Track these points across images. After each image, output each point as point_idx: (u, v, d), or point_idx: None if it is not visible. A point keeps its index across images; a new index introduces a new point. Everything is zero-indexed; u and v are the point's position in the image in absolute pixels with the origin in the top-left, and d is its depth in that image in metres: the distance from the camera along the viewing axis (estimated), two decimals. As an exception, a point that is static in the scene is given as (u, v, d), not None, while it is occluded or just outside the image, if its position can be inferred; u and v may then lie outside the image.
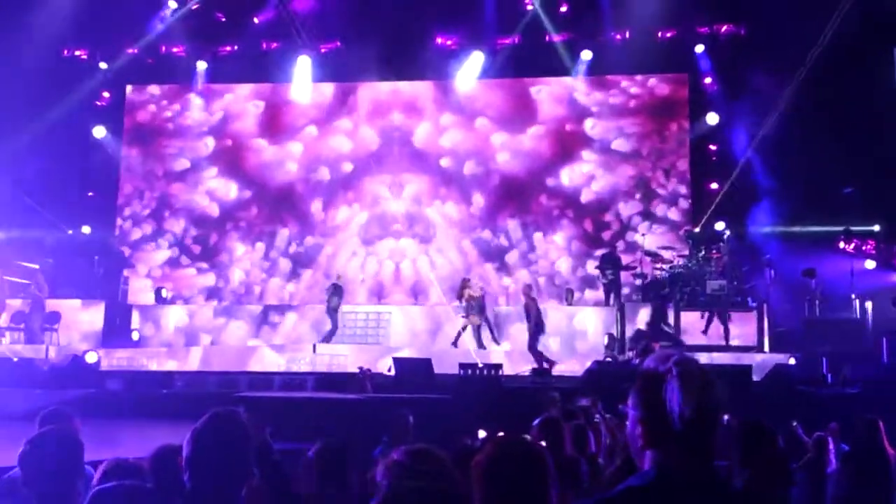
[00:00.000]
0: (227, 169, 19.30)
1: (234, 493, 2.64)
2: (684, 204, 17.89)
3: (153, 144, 19.59)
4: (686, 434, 1.83)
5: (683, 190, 17.95)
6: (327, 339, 15.19)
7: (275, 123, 19.35)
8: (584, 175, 18.25)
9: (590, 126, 18.41)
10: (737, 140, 17.04)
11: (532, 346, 13.44)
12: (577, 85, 18.57)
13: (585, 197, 18.17)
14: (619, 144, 18.24)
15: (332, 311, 15.36)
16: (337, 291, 15.51)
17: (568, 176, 18.30)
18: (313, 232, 18.81)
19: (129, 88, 19.83)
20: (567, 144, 18.41)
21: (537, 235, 18.19)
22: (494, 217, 18.38)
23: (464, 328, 14.63)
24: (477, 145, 18.67)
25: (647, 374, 1.91)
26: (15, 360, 13.15)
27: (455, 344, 14.54)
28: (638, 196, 18.01)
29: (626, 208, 18.02)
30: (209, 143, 19.46)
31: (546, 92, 18.67)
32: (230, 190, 19.20)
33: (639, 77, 18.37)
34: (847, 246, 15.41)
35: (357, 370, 11.74)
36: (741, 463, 3.95)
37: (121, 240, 18.57)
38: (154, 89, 19.80)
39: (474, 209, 18.47)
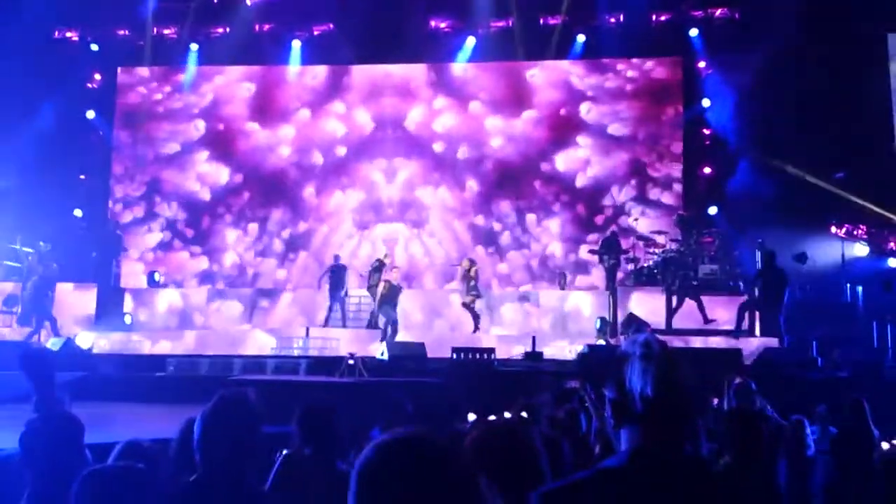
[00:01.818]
0: (219, 153, 19.21)
1: (243, 474, 2.66)
2: (678, 188, 17.91)
3: (144, 127, 19.48)
4: (651, 414, 1.85)
5: (677, 174, 17.96)
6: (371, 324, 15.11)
7: (267, 107, 19.25)
8: (579, 159, 18.24)
9: (585, 110, 18.38)
10: (730, 124, 17.03)
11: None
12: (571, 69, 18.53)
13: (580, 181, 18.16)
14: (615, 129, 18.22)
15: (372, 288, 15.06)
16: (378, 269, 15.20)
17: (563, 160, 18.28)
18: (306, 216, 18.78)
19: (119, 71, 19.69)
20: (562, 129, 18.38)
21: (530, 218, 18.19)
22: (488, 201, 18.37)
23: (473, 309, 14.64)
24: (470, 129, 18.62)
25: (618, 356, 1.94)
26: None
27: (477, 327, 14.55)
28: (633, 181, 18.01)
29: (621, 193, 18.02)
30: (200, 126, 19.36)
31: (540, 76, 18.63)
32: (221, 174, 19.12)
33: (633, 61, 18.34)
34: (839, 231, 15.49)
35: (347, 355, 11.74)
36: (726, 446, 4.01)
37: (113, 223, 18.50)
38: (145, 71, 19.66)
39: (468, 194, 18.45)
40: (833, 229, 15.41)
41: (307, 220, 18.77)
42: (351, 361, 11.22)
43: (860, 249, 15.25)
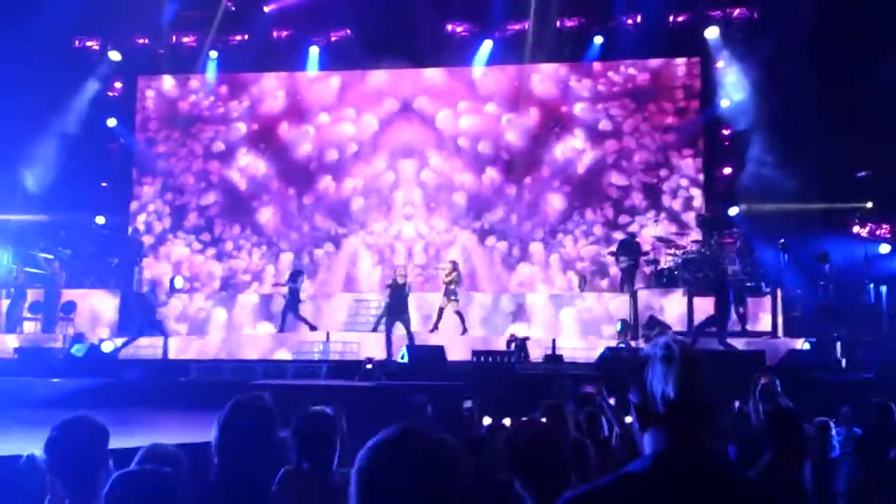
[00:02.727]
0: (246, 154, 19.27)
1: (261, 478, 2.68)
2: (697, 189, 17.80)
3: (166, 134, 19.63)
4: (673, 417, 1.85)
5: (696, 175, 17.85)
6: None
7: (291, 111, 19.32)
8: (598, 160, 18.15)
9: (602, 111, 18.31)
10: (750, 124, 16.90)
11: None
12: (588, 70, 18.47)
13: (601, 181, 18.08)
14: (632, 129, 18.13)
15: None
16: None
17: (584, 162, 18.20)
18: (334, 220, 18.81)
19: (140, 78, 19.85)
20: (579, 130, 18.31)
21: (554, 219, 18.15)
22: (505, 200, 18.36)
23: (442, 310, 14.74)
24: (488, 130, 18.60)
25: (641, 359, 1.93)
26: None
27: (436, 327, 14.64)
28: (652, 181, 17.92)
29: (640, 193, 17.93)
30: (224, 132, 19.45)
31: (557, 78, 18.57)
32: (242, 182, 19.23)
33: (651, 62, 18.25)
34: (861, 230, 15.33)
35: (365, 359, 11.77)
36: (767, 449, 3.99)
37: (135, 230, 18.66)
38: (166, 79, 19.81)
39: (486, 188, 18.41)
40: (856, 229, 15.25)
41: (334, 224, 18.77)
42: (369, 366, 11.23)
43: (884, 249, 15.08)
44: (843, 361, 11.36)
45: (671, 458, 1.84)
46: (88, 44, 19.35)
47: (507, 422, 6.07)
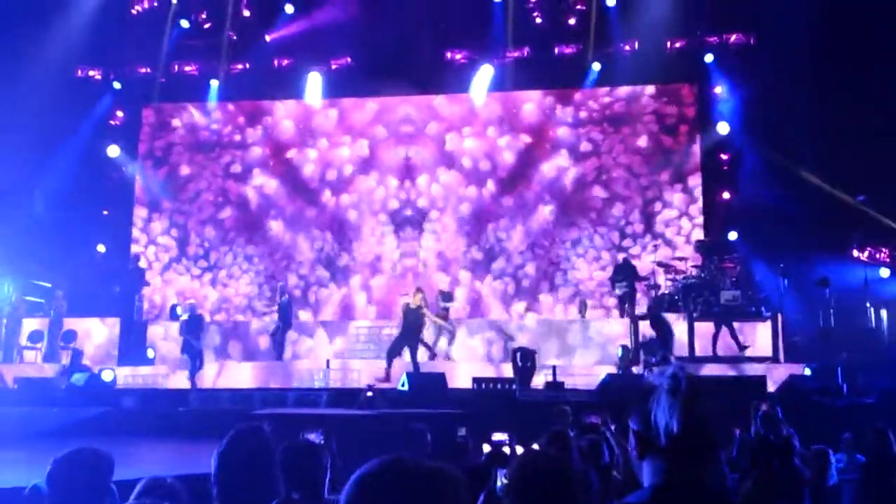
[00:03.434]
0: (259, 174, 19.39)
1: None
2: (696, 214, 17.85)
3: (167, 162, 19.74)
4: (675, 448, 1.85)
5: (695, 200, 17.91)
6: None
7: (292, 138, 19.45)
8: (598, 186, 18.22)
9: (599, 136, 18.42)
10: (748, 149, 17.01)
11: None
12: (586, 96, 18.60)
13: (600, 207, 18.15)
14: (630, 155, 18.22)
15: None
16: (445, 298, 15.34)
17: (584, 187, 18.29)
18: (341, 246, 18.87)
19: (143, 108, 19.99)
20: (577, 154, 18.42)
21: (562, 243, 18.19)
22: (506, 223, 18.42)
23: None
24: (487, 154, 18.69)
25: (644, 388, 1.94)
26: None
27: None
28: (651, 207, 17.98)
29: (638, 218, 17.99)
30: (225, 160, 19.57)
31: (554, 103, 18.69)
32: (241, 209, 19.31)
33: (649, 87, 18.38)
34: (861, 254, 15.35)
35: (366, 387, 11.74)
36: (745, 475, 3.97)
37: (135, 257, 18.70)
38: (167, 107, 19.95)
39: (487, 204, 18.49)
40: (855, 253, 15.28)
41: (341, 249, 18.83)
42: (370, 393, 11.19)
43: (883, 272, 15.09)
44: (845, 386, 11.31)
45: (669, 491, 1.84)
46: (91, 73, 19.51)
47: (506, 450, 6.04)
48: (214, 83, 19.32)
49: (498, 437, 6.60)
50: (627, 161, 18.23)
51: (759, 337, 14.10)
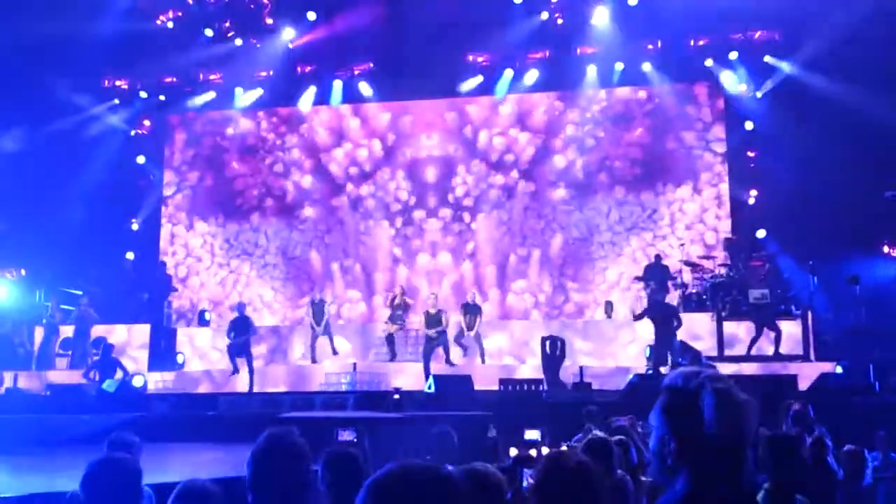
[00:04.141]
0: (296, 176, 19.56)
1: None
2: (724, 212, 17.70)
3: (194, 169, 19.95)
4: (721, 451, 1.82)
5: (723, 198, 17.76)
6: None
7: (313, 146, 19.59)
8: (622, 186, 18.15)
9: (626, 135, 18.33)
10: (775, 146, 16.82)
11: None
12: (609, 95, 18.53)
13: (626, 207, 18.06)
14: (657, 153, 18.11)
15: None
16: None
17: (607, 187, 18.22)
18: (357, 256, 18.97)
19: (169, 116, 20.23)
20: (604, 155, 18.35)
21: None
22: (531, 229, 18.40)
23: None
24: (516, 160, 18.68)
25: (676, 389, 1.90)
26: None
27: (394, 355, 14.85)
28: (678, 204, 17.85)
29: (666, 217, 17.87)
30: (252, 168, 19.73)
31: (578, 103, 18.63)
32: (271, 223, 19.46)
33: (673, 86, 18.23)
34: (892, 251, 15.15)
35: (392, 390, 11.79)
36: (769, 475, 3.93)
37: (162, 264, 18.90)
38: (193, 116, 20.16)
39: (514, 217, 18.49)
40: (886, 249, 15.07)
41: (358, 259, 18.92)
42: (397, 396, 11.23)
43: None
44: (877, 384, 11.16)
45: (712, 491, 1.82)
46: (117, 83, 19.77)
47: (532, 452, 6.02)
48: (239, 91, 19.50)
49: (531, 435, 6.58)
50: (652, 160, 18.11)
51: (789, 335, 13.92)
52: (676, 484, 1.87)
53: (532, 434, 6.56)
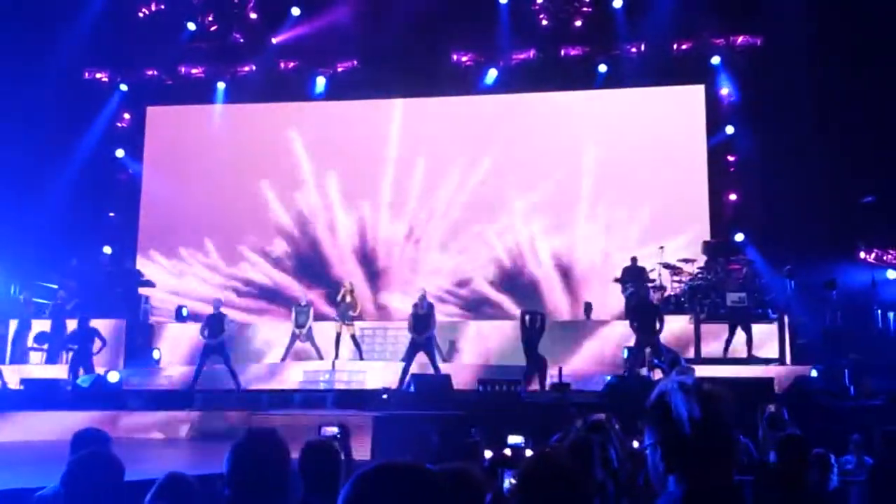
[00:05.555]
0: (262, 188, 19.44)
1: None
2: (703, 215, 17.78)
3: (175, 164, 19.77)
4: (700, 444, 1.82)
5: (702, 201, 17.85)
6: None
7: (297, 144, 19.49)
8: (604, 186, 18.19)
9: (608, 137, 18.37)
10: (754, 150, 16.96)
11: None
12: (593, 97, 18.58)
13: (606, 206, 18.12)
14: (637, 156, 18.16)
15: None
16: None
17: (589, 186, 18.27)
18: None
19: (149, 109, 20.04)
20: (587, 155, 18.37)
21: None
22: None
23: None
24: (500, 162, 18.68)
25: (652, 402, 1.92)
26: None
27: (337, 355, 14.67)
28: (655, 207, 17.92)
29: (644, 220, 17.93)
30: (231, 161, 19.58)
31: (563, 105, 18.66)
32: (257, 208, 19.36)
33: (655, 89, 18.31)
34: (868, 256, 15.32)
35: (381, 389, 11.78)
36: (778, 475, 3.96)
37: (142, 259, 18.74)
38: (174, 109, 19.99)
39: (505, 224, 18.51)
40: (862, 254, 15.24)
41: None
42: (385, 396, 11.24)
43: (891, 274, 15.04)
44: (852, 388, 11.29)
45: (703, 491, 1.82)
46: (98, 76, 19.58)
47: (507, 452, 6.03)
48: (221, 86, 19.38)
49: (514, 439, 6.57)
50: (633, 162, 18.16)
51: (766, 339, 14.04)
52: (669, 487, 1.88)
53: (515, 439, 6.56)
